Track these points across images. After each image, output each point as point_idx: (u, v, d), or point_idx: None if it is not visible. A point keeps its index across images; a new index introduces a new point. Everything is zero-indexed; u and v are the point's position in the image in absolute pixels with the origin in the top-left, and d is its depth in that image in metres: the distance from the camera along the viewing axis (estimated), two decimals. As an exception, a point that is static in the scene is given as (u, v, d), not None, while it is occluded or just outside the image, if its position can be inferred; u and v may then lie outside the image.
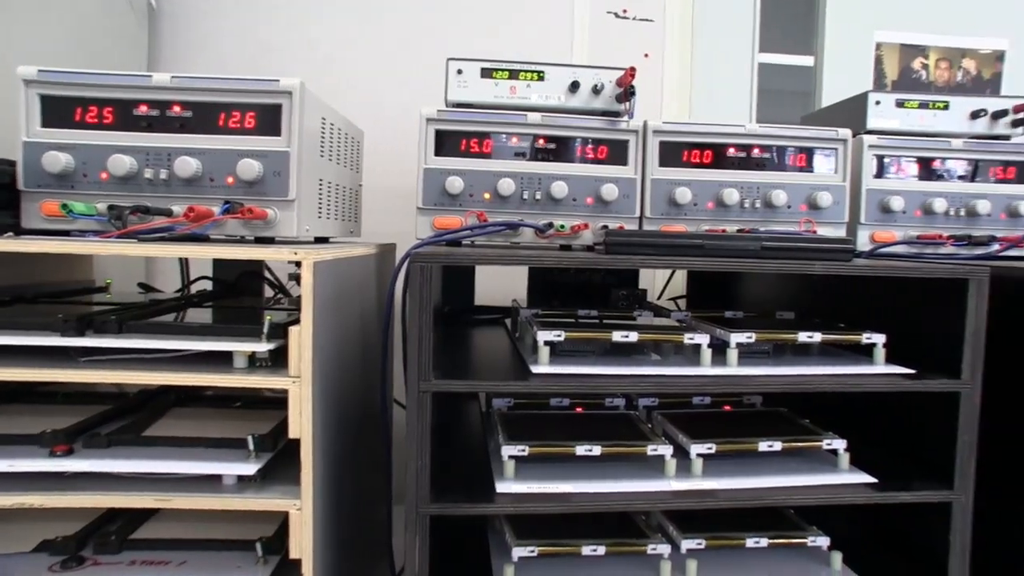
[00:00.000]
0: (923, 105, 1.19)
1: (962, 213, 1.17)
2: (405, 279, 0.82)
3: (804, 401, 1.07)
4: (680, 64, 1.72)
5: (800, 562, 0.96)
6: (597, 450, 0.88)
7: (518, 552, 0.89)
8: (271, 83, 0.89)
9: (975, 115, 1.19)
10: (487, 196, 1.04)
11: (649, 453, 0.89)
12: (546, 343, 0.86)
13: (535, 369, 0.84)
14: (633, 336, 0.88)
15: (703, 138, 1.07)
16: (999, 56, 1.89)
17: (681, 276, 1.60)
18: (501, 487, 0.84)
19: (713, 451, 0.90)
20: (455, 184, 1.02)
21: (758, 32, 1.83)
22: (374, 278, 1.16)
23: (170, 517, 0.94)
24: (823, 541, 0.95)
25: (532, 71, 1.08)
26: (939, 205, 1.15)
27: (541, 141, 1.05)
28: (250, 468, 0.80)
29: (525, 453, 0.87)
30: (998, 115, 1.19)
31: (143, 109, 0.88)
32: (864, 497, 0.89)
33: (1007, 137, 1.20)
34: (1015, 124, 1.18)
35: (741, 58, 1.82)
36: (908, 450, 0.99)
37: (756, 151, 1.08)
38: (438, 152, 1.04)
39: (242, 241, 0.92)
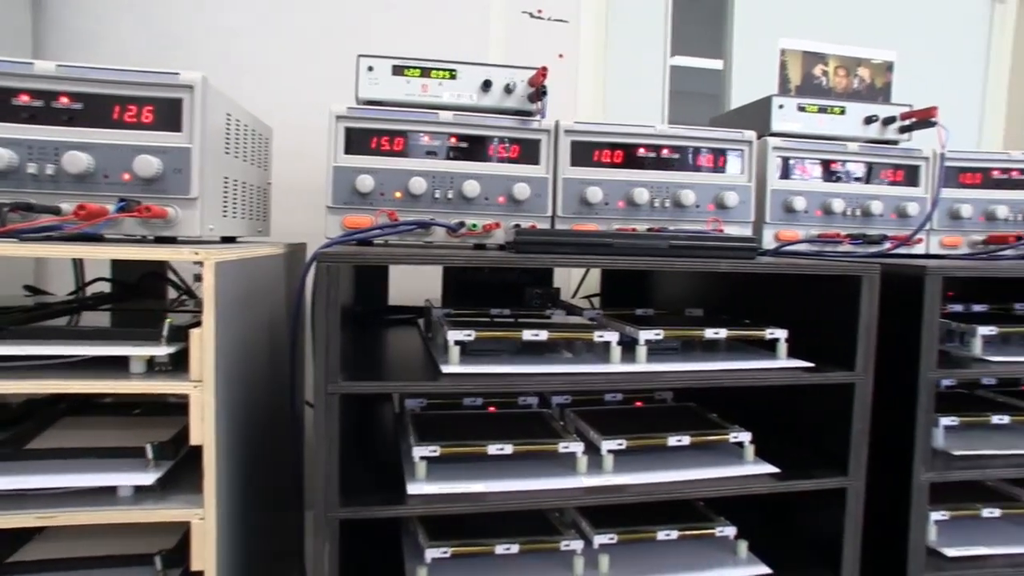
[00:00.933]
0: (822, 110, 1.25)
1: (858, 213, 1.23)
2: (314, 279, 0.80)
3: (714, 395, 1.10)
4: (594, 65, 1.74)
5: (708, 552, 0.98)
6: (509, 449, 0.88)
7: (431, 554, 0.88)
8: (171, 76, 0.85)
9: (868, 120, 1.25)
10: (398, 195, 1.02)
11: (560, 450, 0.89)
12: (456, 343, 0.86)
13: (445, 369, 0.84)
14: (543, 335, 0.88)
15: (613, 138, 1.08)
16: (889, 66, 2.01)
17: (596, 274, 1.62)
18: (412, 488, 0.83)
19: (623, 447, 0.91)
20: (366, 183, 1.00)
21: (670, 35, 1.87)
22: (283, 278, 1.12)
23: (60, 535, 0.89)
24: (730, 531, 0.98)
25: (444, 69, 1.07)
26: (837, 205, 1.20)
27: (453, 140, 1.05)
28: (148, 478, 0.76)
29: (437, 454, 0.87)
30: (888, 121, 1.25)
31: (24, 99, 0.83)
32: (768, 487, 0.92)
33: (896, 142, 1.26)
34: (902, 130, 1.25)
35: (654, 60, 1.87)
36: (810, 439, 1.03)
37: (665, 151, 1.11)
38: (348, 150, 1.02)
39: (142, 241, 0.88)
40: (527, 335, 0.88)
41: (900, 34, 2.02)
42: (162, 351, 0.76)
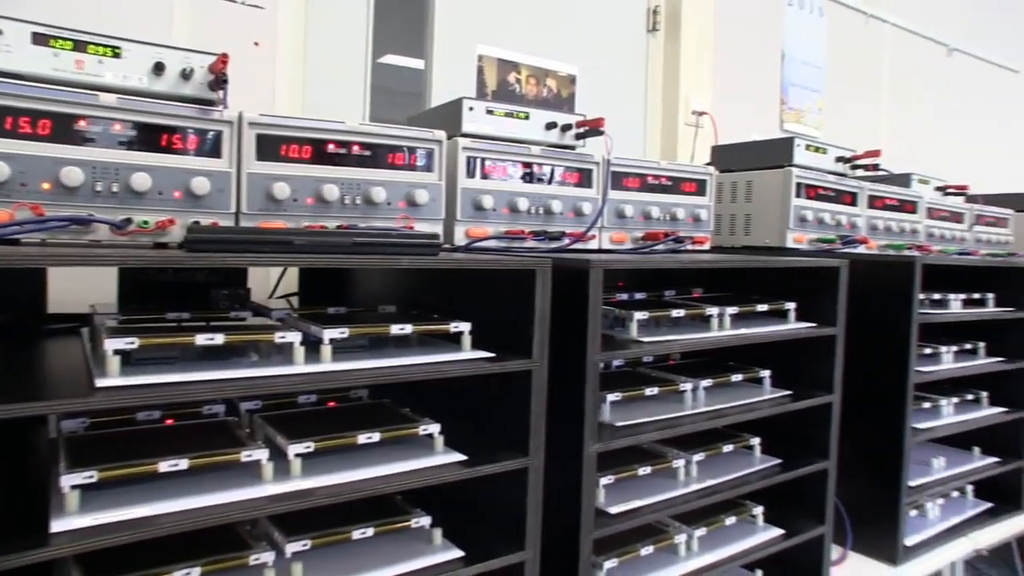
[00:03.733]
0: (509, 114, 1.34)
1: (541, 211, 1.33)
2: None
3: (409, 390, 1.12)
4: (293, 56, 1.68)
5: (405, 544, 1.00)
6: (184, 464, 0.81)
7: (87, 595, 0.78)
8: None
9: (549, 126, 1.37)
10: (47, 187, 0.89)
11: (243, 459, 0.85)
12: (116, 352, 0.77)
13: (100, 383, 0.74)
14: (219, 338, 0.82)
15: (301, 132, 1.05)
16: (572, 79, 2.24)
17: (294, 273, 1.57)
18: (58, 525, 0.72)
19: (311, 449, 0.89)
20: (-1, 171, 0.86)
21: (372, 31, 1.87)
22: None
23: None
24: (425, 521, 1.01)
25: (104, 45, 0.95)
26: (523, 204, 1.30)
27: (118, 127, 0.94)
28: None
29: (94, 479, 0.77)
30: (565, 128, 1.38)
31: None
32: (456, 474, 0.96)
33: (573, 147, 1.40)
34: (578, 137, 1.38)
35: (357, 55, 1.85)
36: (498, 425, 1.09)
37: (356, 148, 1.10)
38: (-27, 131, 0.86)
39: None
40: (201, 339, 0.82)
41: (582, 52, 2.24)
42: None
